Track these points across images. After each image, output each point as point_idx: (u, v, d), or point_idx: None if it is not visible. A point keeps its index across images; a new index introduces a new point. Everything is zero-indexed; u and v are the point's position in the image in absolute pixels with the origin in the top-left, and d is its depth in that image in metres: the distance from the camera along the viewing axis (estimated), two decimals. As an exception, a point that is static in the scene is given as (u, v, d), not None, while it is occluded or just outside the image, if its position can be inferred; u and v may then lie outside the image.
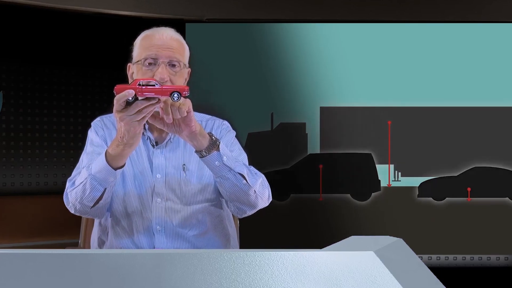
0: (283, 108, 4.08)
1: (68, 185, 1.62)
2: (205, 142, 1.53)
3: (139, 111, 1.39)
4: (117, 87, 1.39)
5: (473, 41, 4.07)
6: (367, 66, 4.08)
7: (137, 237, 1.67)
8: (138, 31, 1.68)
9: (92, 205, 1.57)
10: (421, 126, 4.09)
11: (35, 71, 4.07)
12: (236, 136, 1.79)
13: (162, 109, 1.44)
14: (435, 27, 4.09)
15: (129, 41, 1.69)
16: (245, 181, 1.58)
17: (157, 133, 1.70)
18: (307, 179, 4.09)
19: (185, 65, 1.64)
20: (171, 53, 1.59)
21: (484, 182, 4.06)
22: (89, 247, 1.87)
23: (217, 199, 1.73)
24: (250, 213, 1.69)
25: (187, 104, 1.44)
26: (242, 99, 4.05)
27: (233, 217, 1.86)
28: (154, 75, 1.56)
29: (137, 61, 1.61)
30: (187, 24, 3.92)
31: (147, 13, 3.97)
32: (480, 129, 4.08)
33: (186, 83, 1.66)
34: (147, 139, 1.69)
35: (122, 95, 1.37)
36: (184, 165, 1.68)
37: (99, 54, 4.13)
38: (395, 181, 4.08)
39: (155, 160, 1.67)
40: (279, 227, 4.00)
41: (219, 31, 4.09)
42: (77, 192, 1.56)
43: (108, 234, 1.71)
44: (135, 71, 1.63)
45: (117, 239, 1.69)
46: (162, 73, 1.56)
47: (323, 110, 4.08)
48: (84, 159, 1.68)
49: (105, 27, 4.06)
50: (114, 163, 1.50)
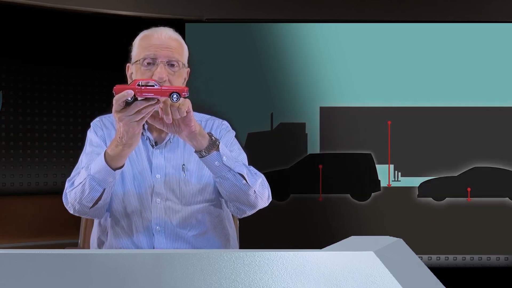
0: (283, 108, 4.08)
1: (67, 185, 1.62)
2: (204, 142, 1.53)
3: (138, 112, 1.39)
4: (116, 87, 1.39)
5: (473, 41, 4.07)
6: (367, 66, 4.08)
7: (136, 237, 1.66)
8: (137, 31, 1.68)
9: (91, 205, 1.57)
10: (421, 126, 4.09)
11: (34, 71, 4.07)
12: (235, 136, 1.79)
13: (161, 109, 1.44)
14: (435, 27, 4.09)
15: (129, 41, 1.69)
16: (244, 181, 1.58)
17: (156, 133, 1.70)
18: (307, 179, 4.09)
19: (184, 64, 1.64)
20: (169, 52, 1.59)
21: (484, 182, 4.06)
22: (88, 247, 1.87)
23: (216, 199, 1.72)
24: (250, 213, 1.69)
25: (186, 104, 1.44)
26: (242, 99, 4.05)
27: (233, 217, 1.86)
28: (153, 75, 1.56)
29: (136, 61, 1.61)
30: (186, 24, 3.92)
31: (147, 13, 3.97)
32: (480, 129, 4.07)
33: (185, 83, 1.66)
34: (147, 139, 1.69)
35: (121, 95, 1.37)
36: (183, 165, 1.68)
37: (99, 54, 4.13)
38: (395, 181, 4.08)
39: (154, 160, 1.67)
40: (279, 227, 4.00)
41: (219, 31, 4.09)
42: (76, 192, 1.56)
43: (107, 234, 1.71)
44: (134, 71, 1.63)
45: (117, 239, 1.68)
46: (160, 72, 1.55)
47: (323, 110, 4.08)
48: (83, 159, 1.68)
49: (104, 27, 4.06)
50: (113, 163, 1.50)
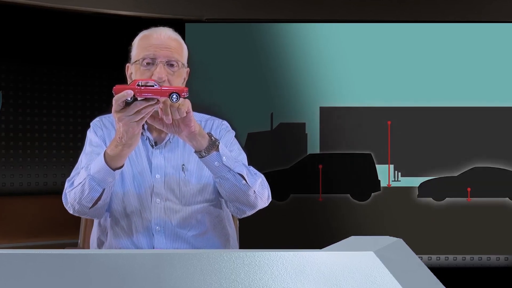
0: (283, 108, 4.08)
1: (66, 185, 1.62)
2: (204, 142, 1.53)
3: (138, 112, 1.39)
4: (116, 87, 1.39)
5: (473, 41, 4.07)
6: (367, 66, 4.07)
7: (136, 237, 1.66)
8: (137, 31, 1.68)
9: (90, 205, 1.56)
10: (421, 126, 4.09)
11: (34, 71, 4.07)
12: (235, 136, 1.79)
13: (161, 109, 1.43)
14: (435, 27, 4.09)
15: (129, 41, 1.69)
16: (244, 181, 1.58)
17: (156, 133, 1.70)
18: (306, 179, 4.09)
19: (183, 64, 1.64)
20: (169, 52, 1.59)
21: (484, 182, 4.06)
22: (88, 247, 1.87)
23: (216, 199, 1.72)
24: (249, 213, 1.69)
25: (186, 104, 1.44)
26: (241, 99, 4.05)
27: (233, 217, 1.86)
28: (152, 75, 1.56)
29: (135, 61, 1.61)
30: (186, 24, 3.92)
31: (147, 13, 3.97)
32: (480, 129, 4.07)
33: (185, 82, 1.66)
34: (146, 139, 1.69)
35: (121, 95, 1.37)
36: (183, 165, 1.68)
37: (99, 54, 4.13)
38: (395, 181, 4.08)
39: (154, 160, 1.67)
40: (279, 227, 4.00)
41: (219, 31, 4.08)
42: (75, 192, 1.56)
43: (107, 234, 1.71)
44: (133, 71, 1.63)
45: (117, 239, 1.68)
46: (160, 72, 1.55)
47: (323, 110, 4.08)
48: (83, 159, 1.68)
49: (104, 27, 4.06)
50: (113, 163, 1.50)
